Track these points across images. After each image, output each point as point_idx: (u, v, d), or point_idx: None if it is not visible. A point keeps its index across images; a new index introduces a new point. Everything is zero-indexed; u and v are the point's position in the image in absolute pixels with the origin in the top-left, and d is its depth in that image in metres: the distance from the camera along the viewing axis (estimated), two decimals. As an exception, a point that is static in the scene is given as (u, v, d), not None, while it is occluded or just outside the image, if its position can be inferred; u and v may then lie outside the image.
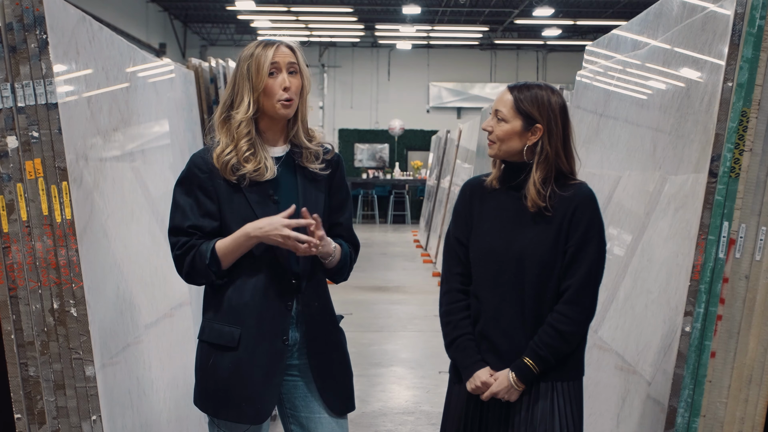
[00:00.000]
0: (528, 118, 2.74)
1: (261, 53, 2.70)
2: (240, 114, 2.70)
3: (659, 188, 3.44)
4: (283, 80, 2.70)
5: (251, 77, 2.70)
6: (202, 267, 2.68)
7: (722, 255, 2.88)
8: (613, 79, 4.39)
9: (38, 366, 2.88)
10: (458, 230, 2.86)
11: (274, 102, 2.71)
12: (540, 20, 21.37)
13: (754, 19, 2.82)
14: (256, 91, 2.70)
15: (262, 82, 2.69)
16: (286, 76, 2.71)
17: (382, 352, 7.68)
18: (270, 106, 2.72)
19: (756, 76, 2.83)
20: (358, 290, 10.80)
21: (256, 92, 2.70)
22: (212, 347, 2.73)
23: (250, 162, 2.69)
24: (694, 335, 2.90)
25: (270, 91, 2.70)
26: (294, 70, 2.73)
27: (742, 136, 2.85)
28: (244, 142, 2.70)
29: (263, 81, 2.69)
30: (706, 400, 2.92)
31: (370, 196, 22.43)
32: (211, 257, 2.67)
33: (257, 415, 2.72)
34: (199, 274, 2.71)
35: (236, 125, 2.70)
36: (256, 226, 2.66)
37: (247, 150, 2.69)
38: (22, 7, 2.82)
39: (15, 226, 2.85)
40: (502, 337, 2.75)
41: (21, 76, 2.84)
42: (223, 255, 2.69)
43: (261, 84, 2.69)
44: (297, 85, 2.73)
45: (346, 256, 2.83)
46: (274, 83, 2.70)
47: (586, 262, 2.71)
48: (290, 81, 2.71)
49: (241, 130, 2.70)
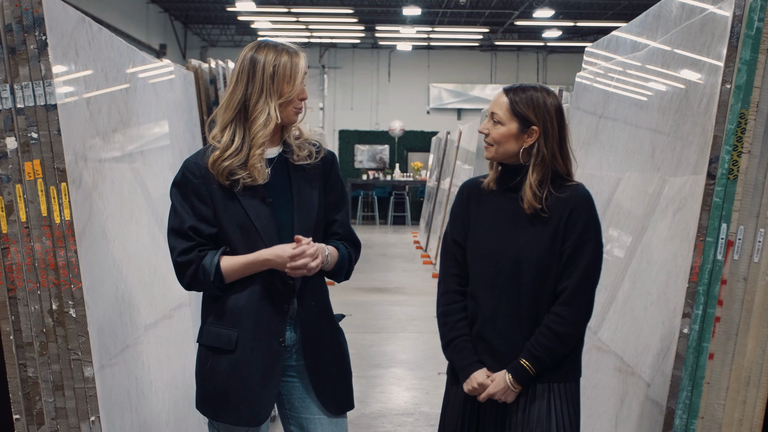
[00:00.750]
0: (524, 120, 2.74)
1: (290, 61, 2.67)
2: (262, 121, 2.66)
3: (658, 190, 3.45)
4: (303, 90, 2.71)
5: (278, 83, 2.67)
6: (205, 282, 2.69)
7: (720, 257, 2.88)
8: (613, 81, 4.40)
9: (37, 367, 2.88)
10: (455, 232, 2.86)
11: (291, 109, 2.71)
12: (540, 22, 21.38)
13: (753, 21, 2.82)
14: (281, 99, 2.68)
15: (294, 91, 2.68)
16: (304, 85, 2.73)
17: (382, 354, 7.69)
18: (286, 114, 2.71)
19: (754, 78, 2.83)
20: (357, 291, 10.80)
21: (280, 99, 2.68)
22: (210, 350, 2.74)
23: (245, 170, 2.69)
24: (692, 337, 2.90)
25: (294, 100, 2.70)
26: None
27: (741, 138, 2.85)
28: (259, 151, 2.67)
29: (296, 90, 2.68)
30: (705, 402, 2.92)
31: (370, 198, 22.44)
32: (215, 275, 2.68)
33: (256, 417, 2.73)
34: (200, 286, 2.72)
35: (255, 133, 2.67)
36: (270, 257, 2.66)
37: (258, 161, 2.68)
38: (22, 9, 2.83)
39: (14, 227, 2.86)
40: (498, 338, 2.75)
41: (20, 77, 2.84)
42: (228, 274, 2.70)
43: (292, 93, 2.68)
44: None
45: (343, 258, 2.83)
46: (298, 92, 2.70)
47: (582, 263, 2.71)
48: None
49: (260, 138, 2.67)
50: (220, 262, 2.69)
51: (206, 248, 2.71)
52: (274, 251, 2.67)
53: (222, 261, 2.69)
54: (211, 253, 2.70)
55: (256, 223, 2.70)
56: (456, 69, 25.15)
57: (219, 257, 2.69)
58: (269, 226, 2.72)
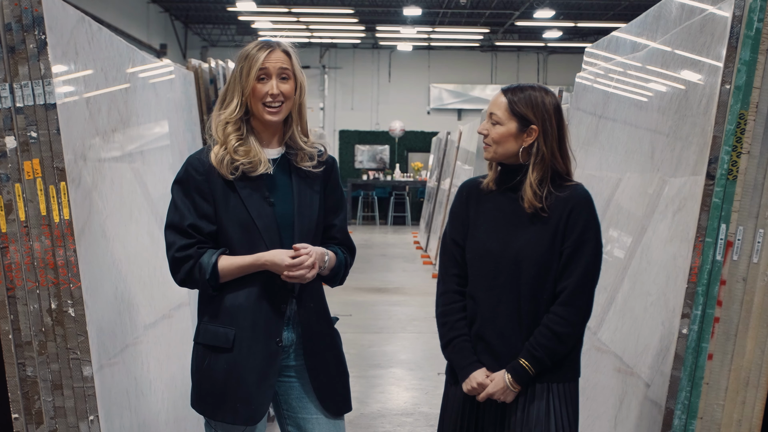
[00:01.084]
0: (523, 119, 2.74)
1: (254, 56, 2.71)
2: (225, 114, 2.73)
3: (658, 190, 3.45)
4: (271, 86, 2.71)
5: (242, 79, 2.71)
6: (200, 280, 2.69)
7: (719, 257, 2.88)
8: (613, 81, 4.40)
9: (36, 366, 2.88)
10: (455, 231, 2.86)
11: (260, 105, 2.72)
12: (541, 22, 21.38)
13: (752, 22, 2.82)
14: (245, 95, 2.72)
15: (249, 86, 2.71)
16: (275, 82, 2.71)
17: (382, 354, 7.69)
18: (257, 111, 2.73)
19: (754, 79, 2.83)
20: (357, 291, 10.80)
21: (244, 95, 2.72)
22: (207, 349, 2.74)
23: (241, 155, 2.70)
24: (691, 337, 2.90)
25: (257, 96, 2.71)
26: (286, 76, 2.73)
27: (740, 138, 2.85)
28: (233, 136, 2.71)
29: (250, 85, 2.71)
30: (704, 402, 2.92)
31: (371, 198, 22.43)
32: (212, 273, 2.68)
33: (252, 416, 2.73)
34: (194, 284, 2.72)
35: (222, 124, 2.72)
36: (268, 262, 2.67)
37: (237, 143, 2.71)
38: (21, 8, 2.83)
39: (13, 226, 2.86)
40: (498, 338, 2.75)
41: (20, 76, 2.84)
42: (224, 274, 2.70)
43: (248, 88, 2.71)
44: (288, 91, 2.73)
45: (340, 264, 2.85)
46: (262, 88, 2.71)
47: (582, 263, 2.71)
48: (280, 87, 2.72)
49: (228, 129, 2.72)
50: (218, 261, 2.69)
51: (205, 246, 2.71)
52: (272, 258, 2.67)
53: (220, 260, 2.69)
54: (210, 251, 2.70)
55: (257, 221, 2.71)
56: (456, 69, 25.15)
57: (217, 256, 2.69)
58: (270, 226, 2.72)
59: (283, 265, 2.65)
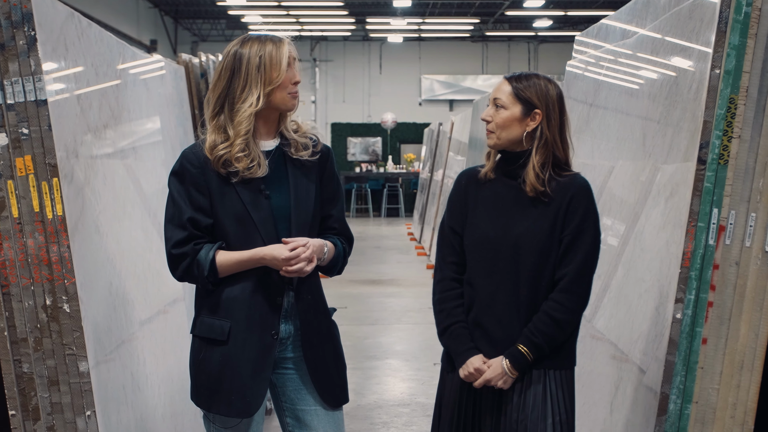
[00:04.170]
0: (527, 103, 2.76)
1: (275, 48, 2.70)
2: (246, 107, 2.68)
3: (650, 177, 3.45)
4: (293, 74, 2.73)
5: (264, 71, 2.69)
6: (199, 276, 2.69)
7: (712, 242, 2.89)
8: (603, 69, 4.40)
9: (32, 362, 2.89)
10: (453, 219, 2.87)
11: (286, 94, 2.72)
12: (531, 11, 21.37)
13: (741, 6, 2.83)
14: (271, 85, 2.70)
15: (281, 76, 2.70)
16: (295, 70, 2.75)
17: (377, 345, 7.70)
18: (281, 99, 2.73)
19: (743, 63, 2.84)
20: (352, 284, 10.81)
21: (269, 86, 2.69)
22: (203, 341, 2.75)
23: (241, 161, 2.69)
24: (685, 322, 2.91)
25: (285, 84, 2.72)
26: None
27: (731, 122, 2.86)
28: (241, 140, 2.69)
29: (282, 74, 2.70)
30: (698, 387, 2.93)
31: (364, 190, 22.44)
32: (210, 270, 2.68)
33: (247, 409, 2.73)
34: (193, 280, 2.73)
35: (239, 120, 2.68)
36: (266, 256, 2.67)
37: (241, 151, 2.69)
38: (10, 4, 2.82)
39: (6, 223, 2.85)
40: (495, 324, 2.76)
41: (10, 73, 2.84)
42: (223, 270, 2.71)
43: (280, 78, 2.70)
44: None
45: (339, 254, 2.85)
46: (292, 77, 2.73)
47: (581, 251, 2.72)
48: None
49: (242, 126, 2.69)
50: (216, 257, 2.69)
51: (202, 241, 2.71)
52: (270, 252, 2.67)
53: (217, 256, 2.69)
54: (206, 247, 2.70)
55: (253, 214, 2.71)
56: (447, 60, 25.14)
57: (214, 252, 2.69)
58: (267, 218, 2.72)
59: (280, 258, 2.65)
